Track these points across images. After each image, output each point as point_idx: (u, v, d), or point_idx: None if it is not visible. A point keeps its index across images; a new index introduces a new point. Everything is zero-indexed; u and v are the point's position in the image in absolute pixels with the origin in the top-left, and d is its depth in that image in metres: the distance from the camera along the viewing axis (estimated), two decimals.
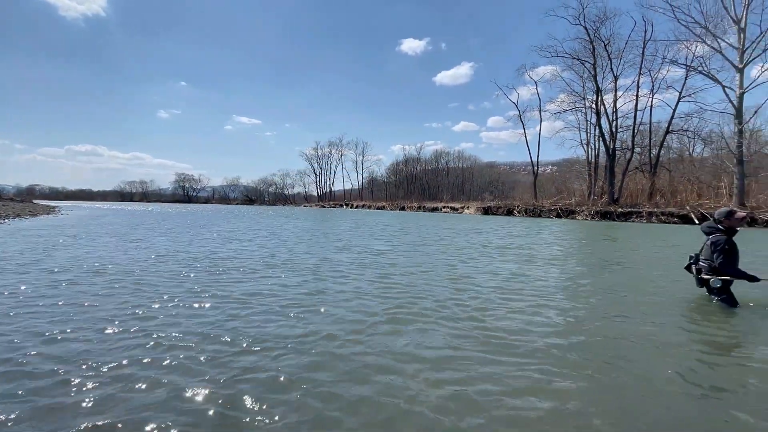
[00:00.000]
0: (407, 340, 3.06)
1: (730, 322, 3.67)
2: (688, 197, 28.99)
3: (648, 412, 2.04)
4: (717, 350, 2.99)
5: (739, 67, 26.63)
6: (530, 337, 3.17)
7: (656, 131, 33.36)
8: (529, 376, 2.44)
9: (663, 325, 3.54)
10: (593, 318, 3.76)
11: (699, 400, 2.19)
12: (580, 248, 10.12)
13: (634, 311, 3.99)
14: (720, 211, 4.50)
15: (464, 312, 3.89)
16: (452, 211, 42.17)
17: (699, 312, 4.04)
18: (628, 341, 3.11)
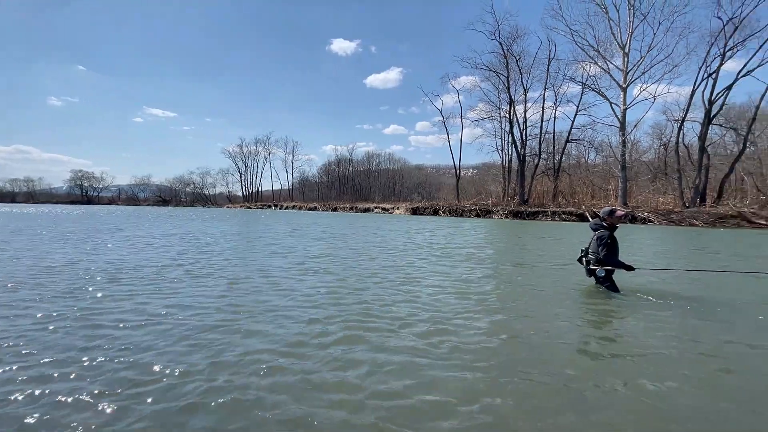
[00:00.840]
0: (361, 370, 2.53)
1: (612, 304, 4.27)
2: (584, 198, 33.05)
3: (550, 380, 2.39)
4: (602, 326, 3.60)
5: (623, 86, 31.04)
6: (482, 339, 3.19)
7: (559, 140, 37.50)
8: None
9: (562, 307, 4.15)
10: (513, 303, 4.21)
11: (590, 364, 2.74)
12: (505, 245, 10.80)
13: (540, 296, 4.66)
14: (604, 211, 5.12)
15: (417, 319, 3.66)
16: (383, 212, 42.80)
17: (589, 297, 4.64)
18: (536, 319, 3.72)
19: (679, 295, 4.66)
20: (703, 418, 2.02)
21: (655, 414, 2.04)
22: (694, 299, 4.48)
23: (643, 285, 5.17)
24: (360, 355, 2.75)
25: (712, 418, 2.02)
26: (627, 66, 30.59)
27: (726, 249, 10.65)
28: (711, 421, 1.99)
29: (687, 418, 2.01)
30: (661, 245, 11.56)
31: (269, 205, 69.10)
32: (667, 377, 2.48)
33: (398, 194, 75.32)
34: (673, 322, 3.66)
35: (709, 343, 3.09)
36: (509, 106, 36.05)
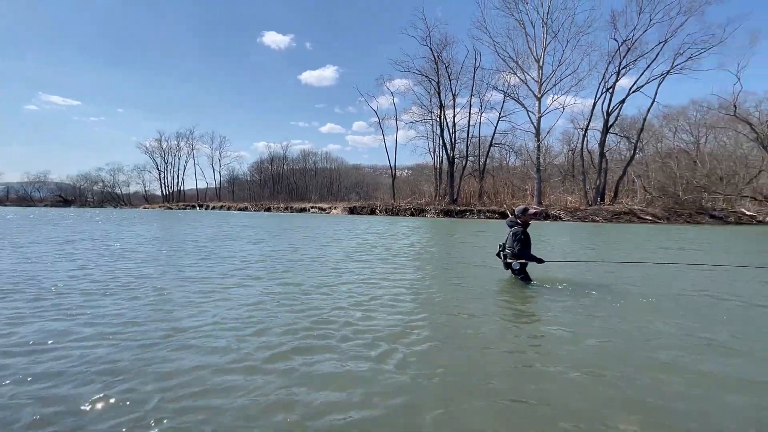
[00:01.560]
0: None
1: (526, 293, 4.77)
2: (505, 197, 35.91)
3: (478, 361, 2.73)
4: (518, 313, 3.99)
5: (538, 96, 34.25)
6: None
7: (484, 143, 40.22)
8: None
9: (483, 296, 4.63)
10: (441, 293, 4.63)
11: (507, 341, 3.16)
12: (435, 243, 11.18)
13: (465, 287, 5.09)
14: (518, 209, 5.52)
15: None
16: (320, 212, 42.07)
17: (506, 287, 5.11)
18: (461, 307, 4.13)
19: (582, 283, 5.27)
20: (600, 382, 2.30)
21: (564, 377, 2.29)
22: (593, 285, 5.10)
23: (553, 275, 5.74)
24: (316, 368, 2.57)
25: (610, 381, 2.32)
26: (541, 78, 33.86)
27: (622, 242, 12.33)
28: (606, 386, 2.28)
29: (586, 386, 2.28)
30: (569, 239, 12.99)
31: (193, 205, 63.82)
32: (569, 347, 2.96)
33: (336, 194, 74.74)
34: (575, 304, 4.15)
35: (600, 320, 3.60)
36: (440, 111, 37.78)
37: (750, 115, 28.93)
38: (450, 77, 37.49)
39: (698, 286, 5.16)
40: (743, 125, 28.82)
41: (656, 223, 25.63)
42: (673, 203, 28.94)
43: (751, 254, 9.21)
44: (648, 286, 5.14)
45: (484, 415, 2.01)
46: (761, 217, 25.55)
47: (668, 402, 2.14)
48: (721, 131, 34.03)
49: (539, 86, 33.87)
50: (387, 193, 47.65)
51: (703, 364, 2.66)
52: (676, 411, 2.05)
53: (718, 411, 2.06)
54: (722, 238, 14.09)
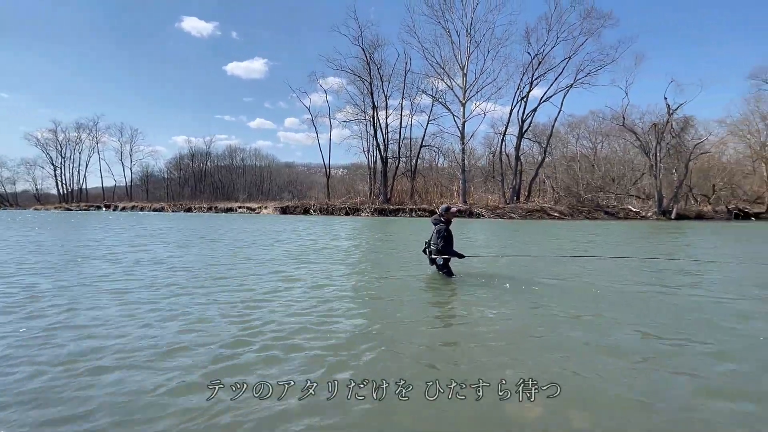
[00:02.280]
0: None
1: (450, 287, 5.15)
2: (434, 197, 37.68)
3: (406, 348, 2.97)
4: (441, 304, 4.41)
5: (462, 102, 36.39)
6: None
7: (415, 145, 41.68)
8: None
9: (410, 290, 4.98)
10: (377, 288, 4.99)
11: (433, 329, 3.52)
12: (368, 241, 11.26)
13: (395, 283, 5.44)
14: (441, 208, 5.85)
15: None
16: (249, 212, 39.97)
17: (431, 281, 5.47)
18: (392, 299, 4.49)
19: (498, 275, 5.78)
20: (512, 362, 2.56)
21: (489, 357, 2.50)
22: (507, 277, 5.63)
23: (473, 269, 6.18)
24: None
25: (521, 359, 2.58)
26: (465, 85, 36.06)
27: (535, 237, 13.67)
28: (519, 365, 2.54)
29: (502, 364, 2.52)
30: (489, 235, 14.06)
31: (98, 205, 56.39)
32: (487, 331, 3.35)
33: (267, 193, 71.66)
34: (490, 293, 4.60)
35: (514, 307, 4.03)
36: (373, 111, 38.27)
37: (635, 125, 33.96)
38: (382, 79, 38.21)
39: (597, 274, 5.96)
40: (630, 134, 33.73)
41: (562, 219, 28.91)
42: (576, 201, 32.88)
43: (639, 246, 10.86)
44: (556, 276, 5.77)
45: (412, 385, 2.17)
46: (644, 213, 30.18)
47: (552, 360, 2.47)
48: (613, 139, 39.46)
49: (464, 92, 36.04)
50: (322, 192, 47.06)
51: (585, 337, 3.09)
52: (551, 362, 2.37)
53: (595, 371, 2.42)
54: (617, 231, 16.40)
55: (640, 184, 34.54)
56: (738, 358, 2.77)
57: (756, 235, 14.71)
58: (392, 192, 38.29)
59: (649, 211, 29.99)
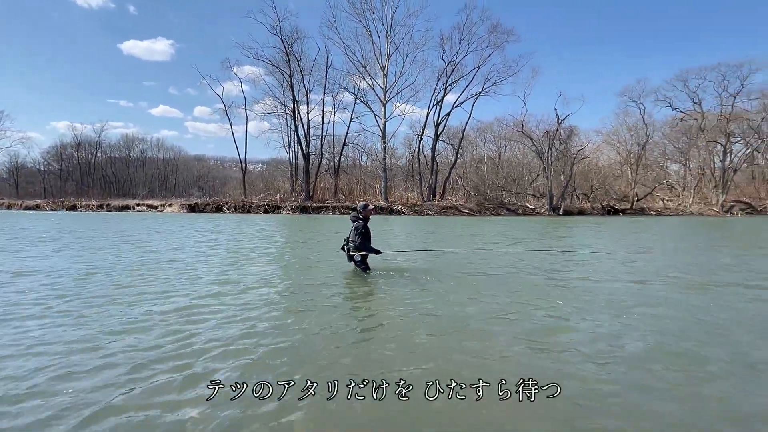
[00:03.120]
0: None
1: (368, 282, 5.43)
2: (358, 194, 38.15)
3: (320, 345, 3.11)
4: (359, 297, 4.69)
5: (383, 102, 37.36)
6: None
7: (338, 142, 41.57)
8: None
9: (331, 287, 5.10)
10: (295, 285, 4.90)
11: (353, 322, 3.62)
12: (288, 239, 10.96)
13: (313, 278, 5.55)
14: (359, 205, 6.04)
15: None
16: (150, 210, 35.77)
17: (349, 277, 5.72)
18: (310, 297, 4.62)
19: (412, 269, 6.24)
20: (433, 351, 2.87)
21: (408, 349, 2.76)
22: (422, 270, 6.09)
23: (390, 264, 6.56)
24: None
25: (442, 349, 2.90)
26: (386, 85, 37.09)
27: (449, 232, 14.78)
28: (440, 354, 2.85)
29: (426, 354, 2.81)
30: (410, 230, 14.85)
31: None
32: (403, 321, 3.66)
33: (172, 189, 64.80)
34: (404, 287, 4.94)
35: (429, 299, 4.40)
36: (293, 105, 37.17)
37: (532, 132, 38.49)
38: (302, 72, 37.28)
39: (501, 265, 6.77)
40: (528, 140, 38.17)
41: (472, 215, 31.64)
42: (483, 199, 36.18)
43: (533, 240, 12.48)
44: (464, 268, 6.43)
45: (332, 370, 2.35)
46: (538, 210, 34.47)
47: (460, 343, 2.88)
48: (514, 143, 44.19)
49: (384, 93, 37.05)
50: (238, 189, 44.16)
51: (494, 327, 3.57)
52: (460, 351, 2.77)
53: (494, 352, 2.88)
54: (519, 225, 18.55)
55: (536, 184, 39.33)
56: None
57: (630, 228, 17.96)
58: (315, 189, 37.74)
59: (542, 208, 34.39)
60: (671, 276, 5.89)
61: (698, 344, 3.08)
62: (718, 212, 34.56)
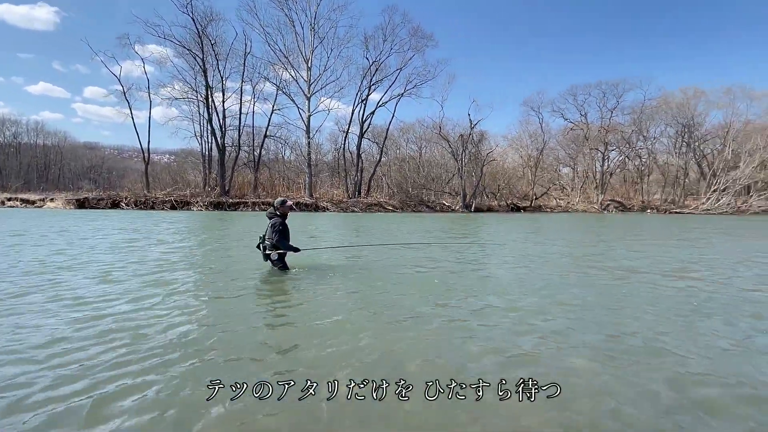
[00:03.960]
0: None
1: (286, 281, 5.23)
2: (281, 190, 36.80)
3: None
4: (280, 298, 4.46)
5: (307, 95, 36.51)
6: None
7: (259, 134, 39.49)
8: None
9: (246, 288, 4.84)
10: (208, 287, 4.43)
11: (270, 327, 3.49)
12: (199, 237, 10.07)
13: (229, 280, 5.22)
14: (277, 201, 5.79)
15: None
16: (26, 206, 30.03)
17: (266, 278, 5.43)
18: (224, 298, 4.36)
19: (332, 266, 6.23)
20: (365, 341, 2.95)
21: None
22: (342, 267, 6.12)
23: (310, 262, 6.43)
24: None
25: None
26: (310, 79, 36.31)
27: (372, 228, 15.10)
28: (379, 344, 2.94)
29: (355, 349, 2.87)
30: (334, 227, 14.82)
31: None
32: (321, 322, 3.56)
33: (56, 181, 55.28)
34: (323, 284, 4.95)
35: (344, 293, 4.46)
36: (207, 92, 34.30)
37: (449, 135, 41.03)
38: (217, 57, 34.59)
39: (411, 260, 7.16)
40: (444, 142, 40.61)
41: (395, 212, 32.75)
42: (405, 197, 37.65)
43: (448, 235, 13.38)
44: (383, 264, 6.66)
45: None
46: (454, 207, 36.97)
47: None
48: (434, 144, 46.63)
49: (308, 86, 36.24)
50: (140, 182, 39.34)
51: (426, 317, 3.84)
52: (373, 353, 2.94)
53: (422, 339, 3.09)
54: (436, 221, 19.68)
55: (452, 184, 42.06)
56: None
57: (529, 222, 20.21)
58: (232, 184, 35.41)
59: (457, 206, 37.01)
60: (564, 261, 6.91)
61: (571, 321, 3.72)
62: (597, 209, 40.78)
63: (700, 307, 4.17)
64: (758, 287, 5.19)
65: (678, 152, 44.74)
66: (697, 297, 4.59)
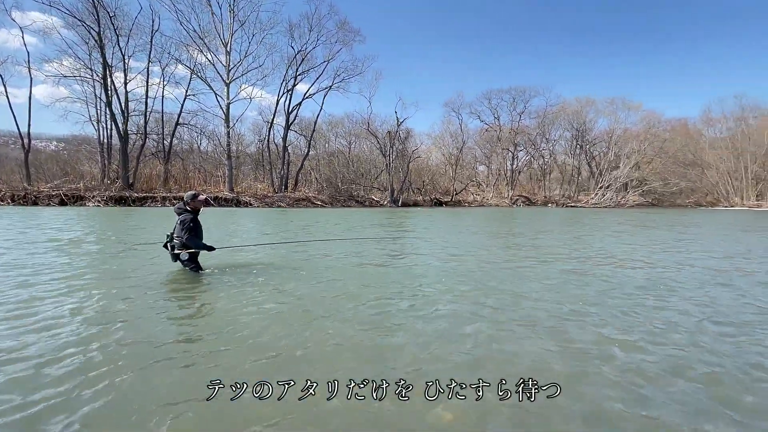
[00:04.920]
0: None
1: (201, 282, 4.82)
2: (197, 183, 33.96)
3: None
4: (186, 302, 4.03)
5: (226, 81, 34.07)
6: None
7: (170, 121, 35.81)
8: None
9: (154, 292, 4.38)
10: (108, 295, 3.99)
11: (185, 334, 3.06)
12: (97, 236, 8.76)
13: (135, 285, 4.65)
14: (187, 195, 5.29)
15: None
16: None
17: (175, 281, 4.92)
18: (128, 306, 3.85)
19: (251, 264, 5.88)
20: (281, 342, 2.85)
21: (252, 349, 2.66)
22: (262, 266, 5.79)
23: (227, 261, 6.06)
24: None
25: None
26: (229, 64, 33.93)
27: (299, 224, 14.74)
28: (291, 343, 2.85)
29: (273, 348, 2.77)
30: (257, 224, 14.15)
31: None
32: (230, 326, 3.30)
33: None
34: (241, 284, 4.65)
35: (265, 294, 4.25)
36: (105, 71, 30.06)
37: (377, 131, 41.71)
38: (117, 32, 30.48)
39: (333, 254, 7.17)
40: (373, 138, 41.19)
41: (324, 207, 32.39)
42: (335, 191, 37.43)
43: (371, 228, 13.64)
44: (310, 260, 6.49)
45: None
46: (382, 202, 37.76)
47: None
48: (363, 140, 47.03)
49: (227, 71, 33.85)
50: (19, 173, 33.02)
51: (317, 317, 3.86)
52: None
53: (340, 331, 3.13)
54: (366, 216, 19.89)
55: (380, 179, 42.91)
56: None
57: (450, 216, 21.47)
58: (137, 176, 31.66)
59: (385, 201, 37.91)
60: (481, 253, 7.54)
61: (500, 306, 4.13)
62: (508, 204, 45.00)
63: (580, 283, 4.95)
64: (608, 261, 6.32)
65: (573, 153, 51.35)
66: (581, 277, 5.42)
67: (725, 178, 47.67)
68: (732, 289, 4.92)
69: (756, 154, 45.64)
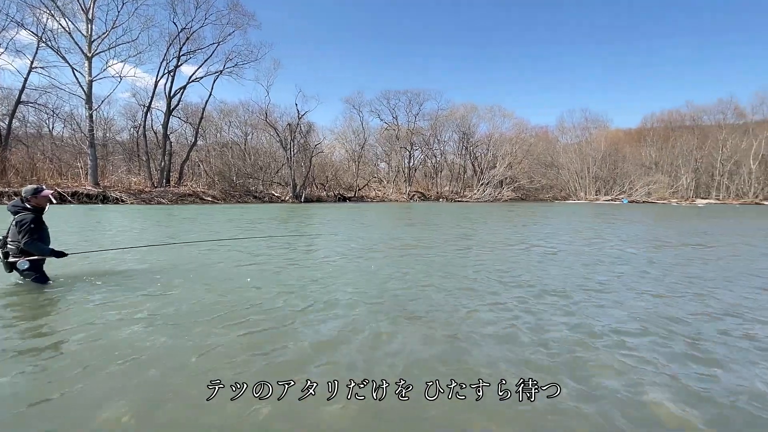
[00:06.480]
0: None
1: (46, 295, 4.04)
2: (49, 175, 28.04)
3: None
4: (33, 322, 3.32)
5: (88, 54, 28.75)
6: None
7: (9, 99, 28.74)
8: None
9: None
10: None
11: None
12: None
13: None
14: (27, 189, 4.40)
15: None
16: None
17: (12, 294, 4.05)
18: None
19: (110, 272, 5.16)
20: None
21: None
22: (127, 273, 5.14)
23: (83, 268, 5.27)
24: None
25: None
26: (91, 34, 28.71)
27: (184, 223, 13.35)
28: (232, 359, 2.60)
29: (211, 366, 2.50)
30: (130, 224, 12.40)
31: None
32: (86, 346, 2.86)
33: None
34: (95, 296, 4.02)
35: (134, 305, 3.77)
36: None
37: (277, 123, 39.91)
38: None
39: (223, 257, 6.81)
40: (272, 129, 39.34)
41: (215, 203, 29.89)
42: (228, 186, 34.81)
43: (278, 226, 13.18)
44: (182, 264, 5.96)
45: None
46: (284, 197, 36.49)
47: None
48: (261, 132, 44.53)
49: (89, 43, 28.61)
50: None
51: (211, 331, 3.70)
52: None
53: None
54: (267, 212, 18.96)
55: (281, 174, 41.41)
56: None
57: (353, 211, 21.83)
58: None
59: (287, 196, 36.75)
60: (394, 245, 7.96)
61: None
62: (405, 199, 47.82)
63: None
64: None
65: (460, 154, 56.96)
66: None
67: (574, 177, 58.42)
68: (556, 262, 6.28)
69: (595, 158, 56.97)
